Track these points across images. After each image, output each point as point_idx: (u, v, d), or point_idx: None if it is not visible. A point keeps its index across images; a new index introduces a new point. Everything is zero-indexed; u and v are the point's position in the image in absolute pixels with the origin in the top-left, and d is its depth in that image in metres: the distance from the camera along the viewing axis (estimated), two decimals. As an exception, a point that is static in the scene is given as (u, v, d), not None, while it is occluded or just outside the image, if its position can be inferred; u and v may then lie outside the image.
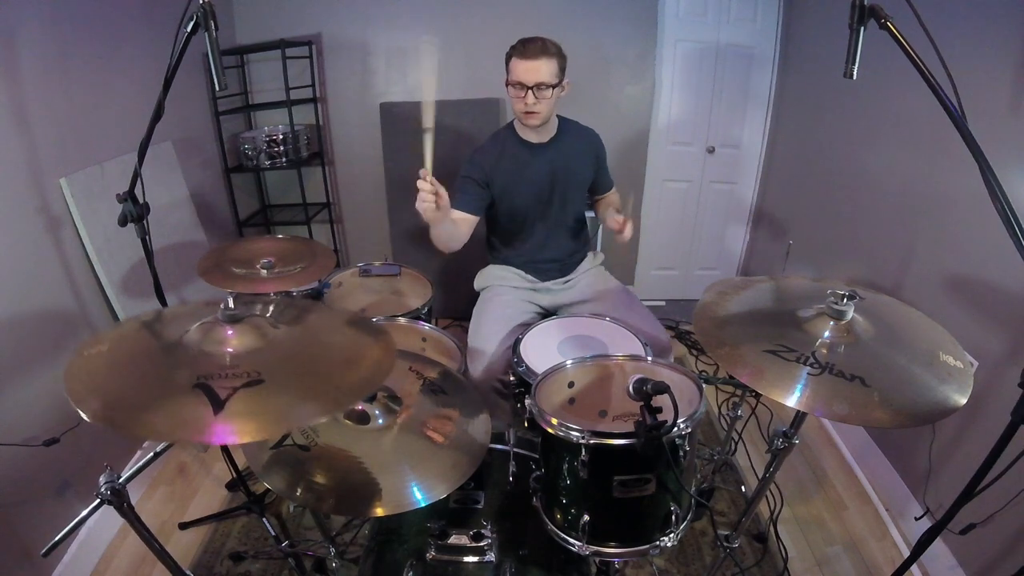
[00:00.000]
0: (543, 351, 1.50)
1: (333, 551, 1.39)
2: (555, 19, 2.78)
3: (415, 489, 0.95)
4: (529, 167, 1.76)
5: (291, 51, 2.66)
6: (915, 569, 1.65)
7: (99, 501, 0.84)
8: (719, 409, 2.44)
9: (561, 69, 1.63)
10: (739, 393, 1.98)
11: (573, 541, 1.05)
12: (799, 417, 1.24)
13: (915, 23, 0.91)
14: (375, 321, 1.60)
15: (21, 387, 1.55)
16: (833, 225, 2.43)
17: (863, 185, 2.20)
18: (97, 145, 1.90)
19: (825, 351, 0.99)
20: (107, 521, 1.78)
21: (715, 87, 2.97)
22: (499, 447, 1.20)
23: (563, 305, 1.90)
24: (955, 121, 0.91)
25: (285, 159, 2.82)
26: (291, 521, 1.86)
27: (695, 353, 2.94)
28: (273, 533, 1.70)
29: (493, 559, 1.09)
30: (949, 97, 0.90)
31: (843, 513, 1.94)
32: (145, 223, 1.28)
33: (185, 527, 1.85)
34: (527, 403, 1.09)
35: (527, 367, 1.42)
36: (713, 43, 2.88)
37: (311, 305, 1.22)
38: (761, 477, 1.37)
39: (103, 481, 0.83)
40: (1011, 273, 1.48)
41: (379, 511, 0.95)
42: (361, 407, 1.06)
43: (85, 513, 0.87)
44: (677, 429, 0.97)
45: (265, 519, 1.70)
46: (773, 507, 1.71)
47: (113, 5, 2.01)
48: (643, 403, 0.93)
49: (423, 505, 0.93)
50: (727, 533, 1.48)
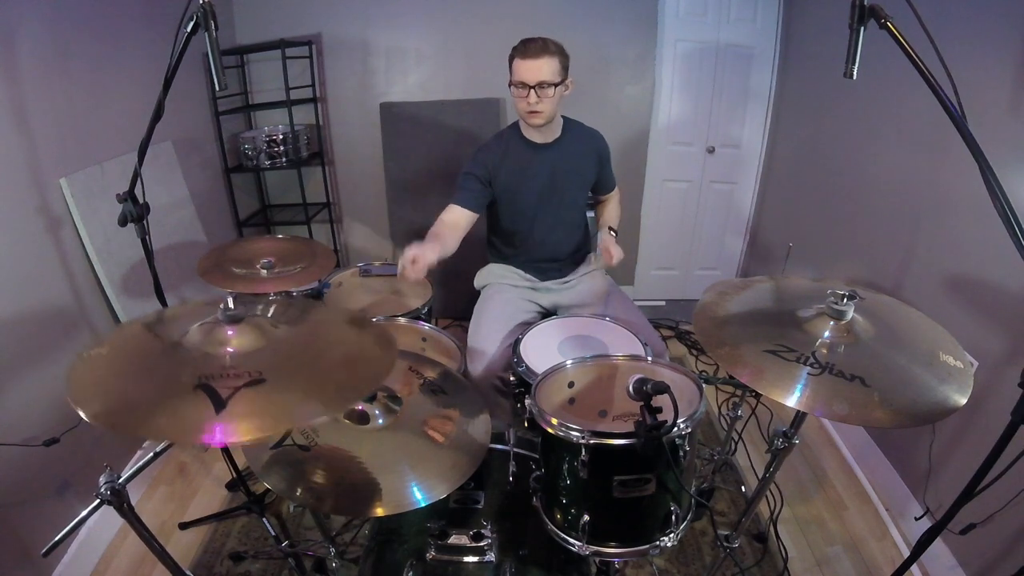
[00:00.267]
0: (543, 351, 1.50)
1: (333, 551, 1.39)
2: (555, 19, 2.78)
3: (415, 489, 0.95)
4: (533, 167, 1.76)
5: (291, 51, 2.66)
6: (915, 569, 1.65)
7: (99, 501, 0.84)
8: (719, 409, 2.44)
9: (563, 67, 1.63)
10: (739, 393, 1.98)
11: (573, 541, 1.05)
12: (799, 417, 1.24)
13: (915, 23, 0.91)
14: (375, 320, 1.60)
15: (21, 387, 1.55)
16: (833, 225, 2.43)
17: (863, 185, 2.20)
18: (97, 145, 1.90)
19: (825, 351, 0.99)
20: (107, 521, 1.78)
21: (715, 87, 2.97)
22: (499, 447, 1.20)
23: (562, 305, 1.90)
24: (955, 121, 0.91)
25: (285, 159, 2.82)
26: (291, 521, 1.86)
27: (695, 353, 2.94)
28: (273, 533, 1.69)
29: (493, 559, 1.09)
30: (949, 97, 0.90)
31: (843, 513, 1.94)
32: (145, 223, 1.28)
33: (185, 527, 1.85)
34: (527, 403, 1.09)
35: (527, 367, 1.42)
36: (713, 43, 2.88)
37: (311, 304, 1.22)
38: (761, 477, 1.37)
39: (103, 481, 0.83)
40: (1011, 273, 1.48)
41: (379, 511, 0.95)
42: (361, 407, 1.06)
43: (85, 513, 0.87)
44: (677, 429, 0.97)
45: (265, 519, 1.69)
46: (773, 507, 1.71)
47: (113, 5, 2.01)
48: (643, 403, 0.93)
49: (423, 505, 0.94)
50: (727, 533, 1.48)
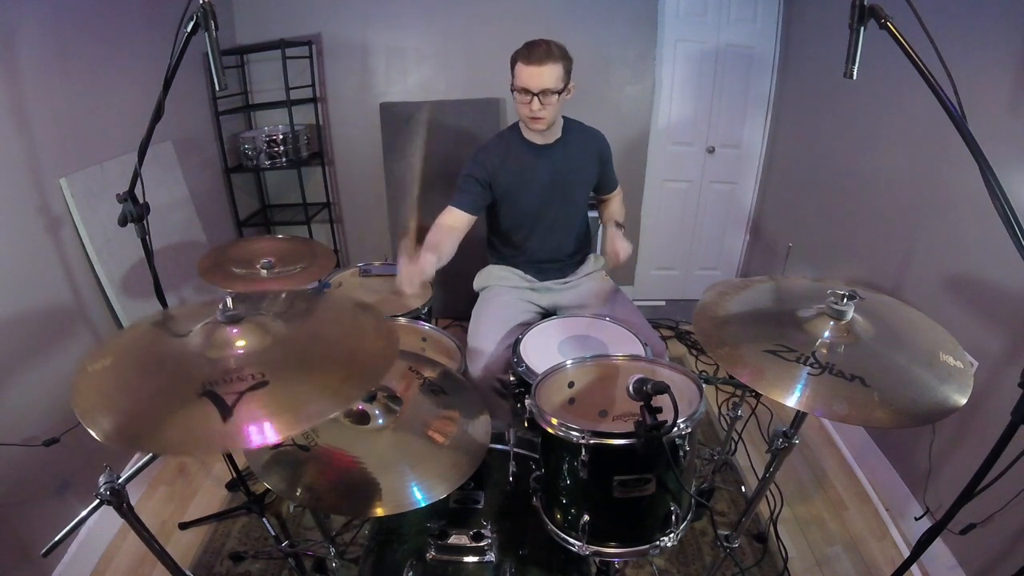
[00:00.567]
0: (543, 351, 1.50)
1: (333, 551, 1.39)
2: (555, 19, 2.77)
3: (415, 489, 0.95)
4: (533, 169, 1.75)
5: (291, 51, 2.66)
6: (915, 569, 1.65)
7: (99, 501, 0.84)
8: (719, 409, 2.44)
9: (567, 72, 1.59)
10: (739, 393, 1.98)
11: (573, 541, 1.05)
12: (799, 417, 1.24)
13: (915, 23, 0.90)
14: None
15: (21, 387, 1.55)
16: (833, 225, 2.43)
17: (863, 185, 2.20)
18: (97, 145, 1.90)
19: (825, 351, 0.99)
20: (107, 521, 1.78)
21: (715, 87, 2.97)
22: (499, 447, 1.20)
23: (562, 306, 1.90)
24: (955, 121, 0.91)
25: (285, 159, 2.82)
26: (291, 521, 1.86)
27: (695, 353, 2.94)
28: (273, 533, 1.70)
29: (493, 559, 1.09)
30: (949, 97, 0.90)
31: (843, 513, 1.94)
32: (145, 223, 1.28)
33: (185, 527, 1.85)
34: (527, 403, 1.09)
35: (527, 367, 1.42)
36: (713, 43, 2.88)
37: (310, 296, 1.22)
38: (761, 477, 1.37)
39: (103, 481, 0.83)
40: (1011, 273, 1.48)
41: (379, 511, 0.95)
42: (361, 407, 1.06)
43: (85, 513, 0.87)
44: (677, 429, 0.97)
45: (265, 519, 1.70)
46: (773, 507, 1.71)
47: (113, 5, 2.01)
48: (643, 403, 0.93)
49: (423, 505, 0.94)
50: (727, 533, 1.48)
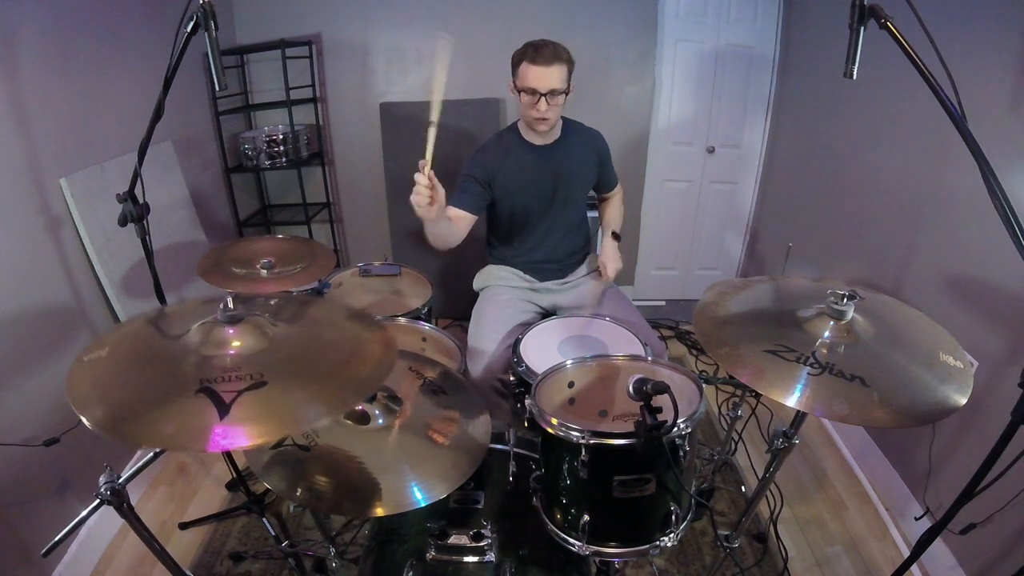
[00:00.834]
0: (543, 351, 1.50)
1: (333, 551, 1.39)
2: (555, 19, 2.77)
3: (415, 489, 0.95)
4: (533, 169, 1.76)
5: (291, 51, 2.66)
6: (915, 569, 1.65)
7: (99, 501, 0.83)
8: (719, 409, 2.44)
9: (570, 74, 1.61)
10: (739, 393, 1.98)
11: (573, 541, 1.05)
12: (799, 417, 1.24)
13: (915, 23, 0.91)
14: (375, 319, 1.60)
15: (21, 387, 1.54)
16: (833, 225, 2.43)
17: (863, 185, 2.20)
18: (97, 145, 1.90)
19: (825, 351, 0.99)
20: (107, 521, 1.78)
21: (715, 87, 2.96)
22: (499, 447, 1.20)
23: (562, 306, 1.90)
24: (955, 121, 0.91)
25: (285, 159, 2.82)
26: (291, 521, 1.86)
27: (695, 353, 2.94)
28: (273, 533, 1.69)
29: (493, 559, 1.09)
30: (949, 97, 0.90)
31: (843, 513, 1.94)
32: (145, 223, 1.28)
33: (185, 527, 1.85)
34: (527, 403, 1.09)
35: (527, 367, 1.42)
36: (713, 43, 2.88)
37: (310, 301, 1.22)
38: (761, 477, 1.37)
39: (103, 481, 0.83)
40: (1011, 273, 1.48)
41: (379, 511, 0.95)
42: (361, 407, 1.06)
43: (85, 513, 0.86)
44: (677, 429, 0.97)
45: (265, 519, 1.69)
46: (773, 507, 1.71)
47: (113, 5, 2.01)
48: (643, 403, 0.93)
49: (423, 505, 0.93)
50: (727, 533, 1.48)
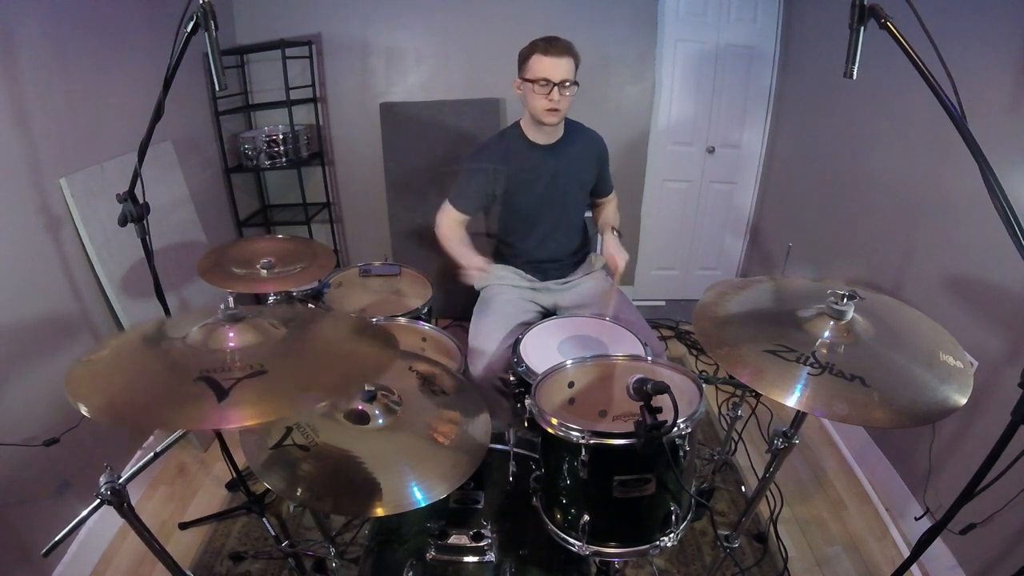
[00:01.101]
0: (543, 351, 1.50)
1: (333, 551, 1.39)
2: (555, 19, 2.77)
3: (415, 489, 0.95)
4: (535, 168, 1.76)
5: (291, 51, 2.66)
6: (915, 569, 1.65)
7: (99, 501, 0.84)
8: (719, 409, 2.44)
9: (576, 69, 1.63)
10: (739, 393, 1.98)
11: (573, 541, 1.05)
12: (799, 417, 1.24)
13: (915, 23, 0.90)
14: (376, 321, 1.60)
15: (21, 387, 1.55)
16: (833, 225, 2.43)
17: (863, 185, 2.20)
18: (97, 145, 1.90)
19: (825, 351, 0.99)
20: (107, 521, 1.78)
21: (715, 87, 2.97)
22: (499, 447, 1.20)
23: (563, 306, 1.90)
24: (955, 121, 0.91)
25: (285, 159, 2.82)
26: (291, 521, 1.86)
27: (695, 353, 2.94)
28: (273, 533, 1.70)
29: (493, 559, 1.09)
30: (949, 97, 0.90)
31: (843, 513, 1.94)
32: (145, 223, 1.28)
33: (185, 527, 1.85)
34: (527, 403, 1.09)
35: (527, 367, 1.42)
36: (713, 43, 2.88)
37: (314, 313, 1.22)
38: (761, 477, 1.37)
39: (103, 481, 0.83)
40: (1011, 273, 1.49)
41: (379, 511, 0.95)
42: (361, 407, 1.06)
43: (85, 513, 0.87)
44: (677, 429, 0.97)
45: (265, 519, 1.70)
46: (773, 507, 1.71)
47: (113, 5, 2.01)
48: (643, 403, 0.93)
49: (423, 505, 0.93)
50: (727, 533, 1.48)
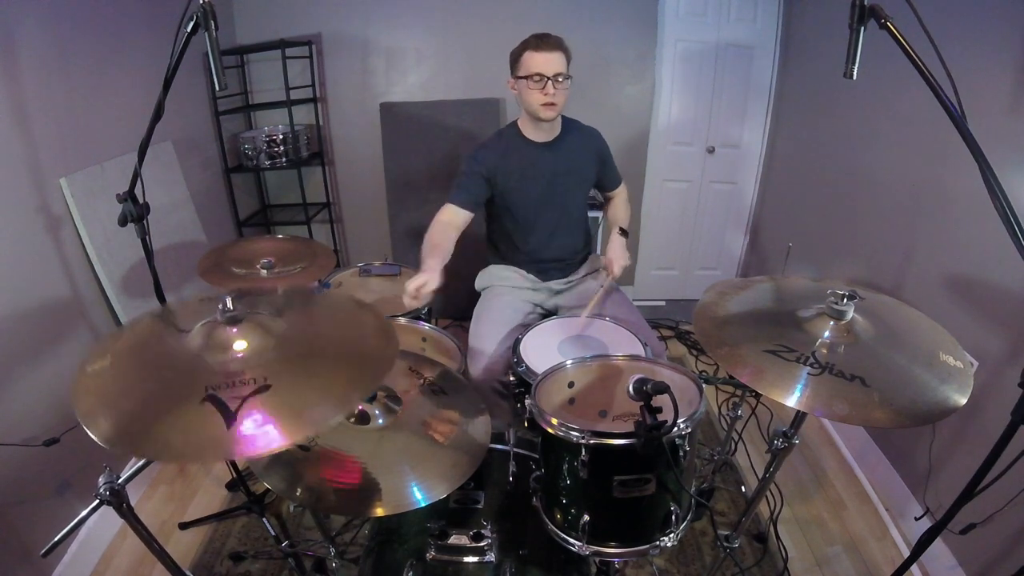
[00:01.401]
0: (543, 351, 1.50)
1: (333, 551, 1.39)
2: (555, 19, 2.77)
3: (415, 489, 0.95)
4: (534, 166, 1.76)
5: (291, 51, 2.66)
6: (915, 569, 1.65)
7: (99, 501, 0.84)
8: (719, 409, 2.44)
9: (568, 65, 1.66)
10: (739, 393, 1.98)
11: (573, 541, 1.05)
12: (799, 417, 1.24)
13: (915, 23, 0.90)
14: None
15: (21, 387, 1.55)
16: (833, 225, 2.43)
17: (863, 185, 2.20)
18: (97, 145, 1.90)
19: (825, 351, 0.99)
20: (107, 521, 1.77)
21: (715, 87, 2.97)
22: (499, 447, 1.20)
23: (564, 306, 1.90)
24: (955, 121, 0.91)
25: (285, 159, 2.82)
26: (291, 521, 1.86)
27: (695, 353, 2.94)
28: (273, 533, 1.69)
29: (493, 559, 1.09)
30: (949, 97, 0.90)
31: (843, 513, 1.94)
32: (145, 223, 1.28)
33: (185, 527, 1.85)
34: (527, 403, 1.09)
35: (527, 367, 1.42)
36: (713, 43, 2.88)
37: (310, 297, 1.22)
38: (761, 477, 1.37)
39: (102, 481, 0.83)
40: (1011, 273, 1.49)
41: (379, 511, 0.95)
42: (361, 407, 1.06)
43: (85, 513, 0.87)
44: (677, 429, 0.96)
45: (265, 519, 1.69)
46: (773, 507, 1.71)
47: (113, 5, 2.01)
48: (643, 403, 0.93)
49: (423, 505, 0.93)
50: (727, 533, 1.48)
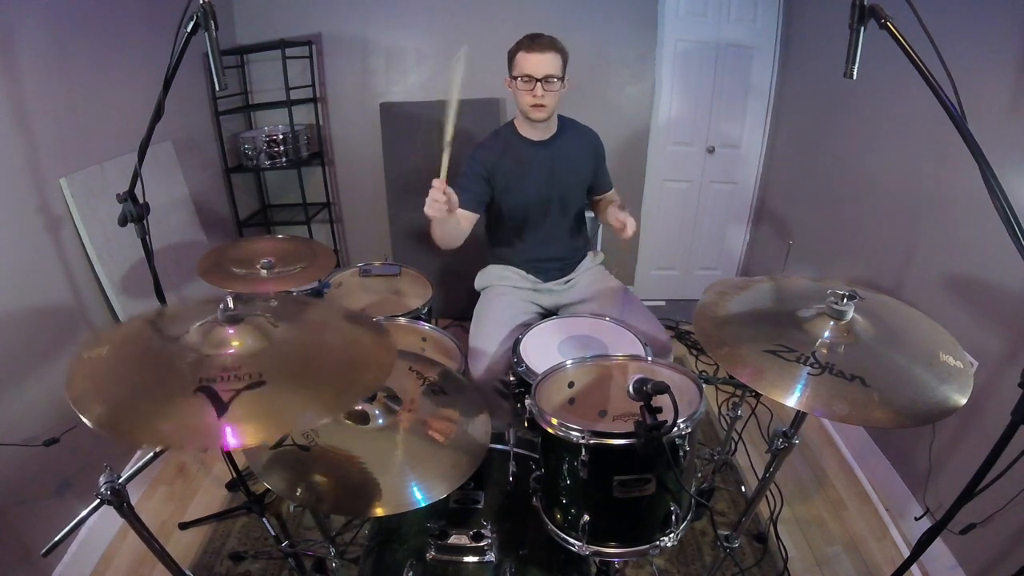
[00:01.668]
0: (543, 351, 1.50)
1: (333, 551, 1.39)
2: (555, 19, 2.77)
3: (415, 489, 0.95)
4: (531, 164, 1.77)
5: (291, 51, 2.66)
6: (915, 569, 1.65)
7: (99, 501, 0.84)
8: (719, 409, 2.44)
9: (565, 65, 1.66)
10: (739, 393, 1.98)
11: (573, 541, 1.05)
12: (799, 417, 1.24)
13: (915, 23, 0.91)
14: (374, 320, 1.60)
15: (21, 387, 1.54)
16: (833, 225, 2.43)
17: (863, 185, 2.20)
18: (97, 145, 1.90)
19: (825, 351, 0.99)
20: (107, 521, 1.78)
21: (715, 87, 2.97)
22: (499, 447, 1.20)
23: (564, 305, 1.90)
24: (955, 121, 0.91)
25: (285, 159, 2.82)
26: (291, 521, 1.86)
27: (695, 353, 2.94)
28: (273, 533, 1.69)
29: (493, 559, 1.09)
30: (949, 97, 0.90)
31: (843, 513, 1.94)
32: (145, 223, 1.28)
33: (185, 527, 1.85)
34: (527, 403, 1.09)
35: (527, 367, 1.42)
36: (713, 43, 2.88)
37: (310, 302, 1.22)
38: (761, 477, 1.37)
39: (103, 481, 0.83)
40: (1011, 273, 1.48)
41: (379, 511, 0.95)
42: (361, 407, 1.06)
43: (85, 513, 0.87)
44: (677, 429, 0.96)
45: (265, 519, 1.69)
46: (773, 507, 1.71)
47: (113, 5, 2.01)
48: (643, 403, 0.93)
49: (423, 505, 0.93)
50: (727, 533, 1.48)
